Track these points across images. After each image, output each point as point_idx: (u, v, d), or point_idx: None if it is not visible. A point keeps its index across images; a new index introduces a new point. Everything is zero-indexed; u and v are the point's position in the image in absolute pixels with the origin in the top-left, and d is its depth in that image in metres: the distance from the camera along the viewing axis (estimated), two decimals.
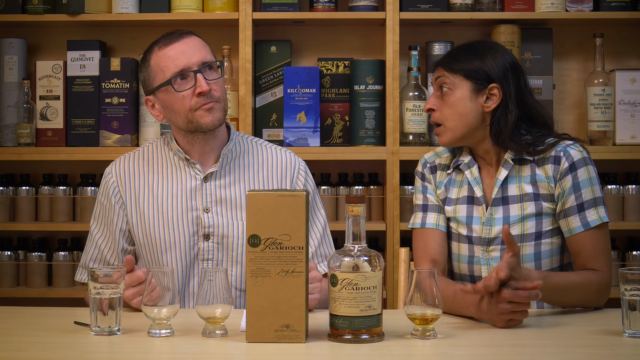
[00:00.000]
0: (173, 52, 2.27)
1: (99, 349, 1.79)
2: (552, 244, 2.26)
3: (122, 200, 2.35)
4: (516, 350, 1.83)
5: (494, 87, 2.27)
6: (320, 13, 3.33)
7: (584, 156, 2.25)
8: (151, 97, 2.34)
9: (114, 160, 2.41)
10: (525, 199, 2.26)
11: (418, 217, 2.37)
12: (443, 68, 2.31)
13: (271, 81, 3.37)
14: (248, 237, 1.81)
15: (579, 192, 2.22)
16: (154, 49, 2.31)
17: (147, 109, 2.37)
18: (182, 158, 2.35)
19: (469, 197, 2.32)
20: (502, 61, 2.30)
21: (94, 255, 2.37)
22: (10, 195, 3.41)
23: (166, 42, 2.29)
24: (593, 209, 2.22)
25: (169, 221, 2.32)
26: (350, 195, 1.84)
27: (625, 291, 1.86)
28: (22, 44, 3.43)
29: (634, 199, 3.35)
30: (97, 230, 2.38)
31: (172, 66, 2.26)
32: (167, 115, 2.33)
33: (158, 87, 2.29)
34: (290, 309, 1.80)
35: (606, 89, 3.30)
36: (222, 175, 2.35)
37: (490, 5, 3.33)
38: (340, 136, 3.35)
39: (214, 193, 2.33)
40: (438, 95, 2.31)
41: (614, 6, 3.31)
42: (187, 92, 2.26)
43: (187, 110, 2.27)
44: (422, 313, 1.85)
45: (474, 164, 2.33)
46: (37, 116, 3.37)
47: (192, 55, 2.27)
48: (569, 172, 2.23)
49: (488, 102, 2.28)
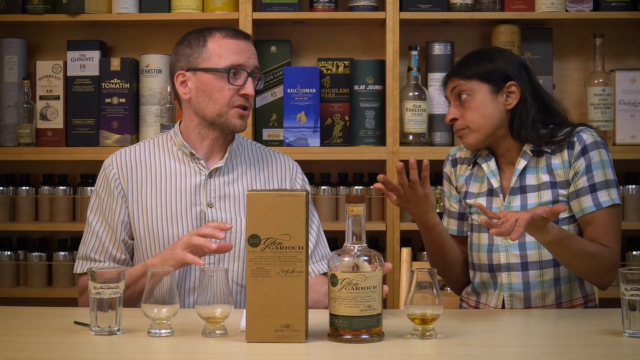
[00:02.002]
0: (237, 46, 2.31)
1: (99, 349, 1.79)
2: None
3: (124, 192, 2.34)
4: (516, 350, 1.83)
5: (512, 85, 2.32)
6: (320, 13, 3.33)
7: (596, 140, 2.29)
8: (188, 74, 2.32)
9: (114, 153, 2.39)
10: (542, 188, 2.30)
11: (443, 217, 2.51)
12: (457, 77, 2.34)
13: (271, 81, 3.37)
14: (248, 237, 1.81)
15: (591, 173, 2.26)
16: (214, 33, 2.32)
17: (175, 83, 2.34)
18: (186, 153, 2.35)
19: (488, 189, 2.37)
20: (512, 59, 2.36)
21: (95, 246, 2.33)
22: (10, 195, 3.41)
23: (231, 35, 2.32)
24: (605, 191, 2.25)
25: (172, 215, 2.32)
26: (350, 195, 1.84)
27: (625, 291, 1.85)
28: (22, 44, 3.43)
29: (634, 199, 3.35)
30: (96, 222, 2.34)
31: (234, 58, 2.29)
32: (198, 99, 2.32)
33: (208, 69, 2.29)
34: (290, 309, 1.80)
35: (606, 89, 3.30)
36: (226, 172, 2.36)
37: (490, 5, 3.33)
38: (340, 136, 3.35)
39: (218, 189, 2.34)
40: (457, 105, 2.34)
41: (614, 6, 3.31)
42: (235, 87, 2.29)
43: (225, 103, 2.30)
44: (422, 313, 1.85)
45: (491, 158, 2.38)
46: (37, 116, 3.37)
47: (250, 57, 2.32)
48: (581, 154, 2.27)
49: (509, 100, 2.32)
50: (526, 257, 2.29)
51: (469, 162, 2.42)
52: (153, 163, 2.36)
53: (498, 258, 2.32)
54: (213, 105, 2.30)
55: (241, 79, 2.30)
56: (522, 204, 2.31)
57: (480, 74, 2.32)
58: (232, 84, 2.29)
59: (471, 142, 2.34)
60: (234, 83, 2.29)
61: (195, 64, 2.31)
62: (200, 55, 2.31)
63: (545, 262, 2.28)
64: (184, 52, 2.34)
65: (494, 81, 2.31)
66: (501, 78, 2.32)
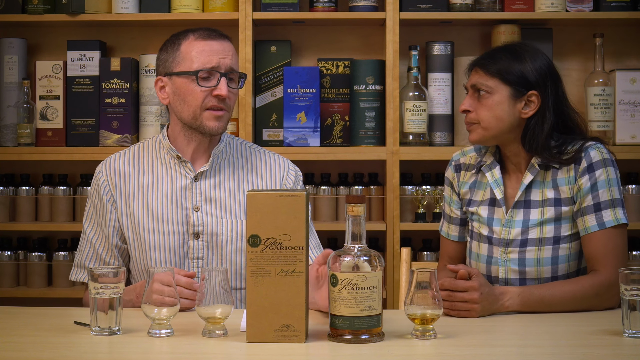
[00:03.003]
0: (208, 48, 2.30)
1: (99, 349, 1.79)
2: (570, 249, 2.27)
3: (113, 199, 2.36)
4: (516, 350, 1.83)
5: (533, 94, 2.26)
6: (320, 13, 3.33)
7: (604, 157, 2.24)
8: (165, 79, 2.34)
9: (104, 160, 2.43)
10: (546, 204, 2.27)
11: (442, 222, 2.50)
12: (482, 70, 2.28)
13: (271, 81, 3.37)
14: (248, 237, 1.81)
15: (597, 192, 2.22)
16: (189, 36, 2.32)
17: (155, 88, 2.37)
18: (173, 156, 2.36)
19: (491, 199, 2.34)
20: (542, 66, 2.28)
21: (89, 254, 2.38)
22: (10, 195, 3.41)
23: (204, 36, 2.31)
24: (610, 210, 2.22)
25: (158, 219, 2.33)
26: (350, 195, 1.84)
27: (625, 291, 1.85)
28: (22, 44, 3.43)
29: (634, 199, 3.35)
30: (90, 230, 2.39)
31: (204, 60, 2.28)
32: (175, 103, 2.33)
33: (180, 73, 2.30)
34: (290, 309, 1.80)
35: (606, 89, 3.30)
36: (211, 175, 2.36)
37: (490, 5, 3.33)
38: (340, 136, 3.35)
39: (204, 192, 2.34)
40: (474, 97, 2.29)
41: (614, 6, 3.31)
42: (206, 89, 2.28)
43: (197, 105, 2.29)
44: (422, 313, 1.85)
45: (496, 166, 2.34)
46: (37, 116, 3.37)
47: (224, 57, 2.30)
48: (586, 172, 2.23)
49: (526, 109, 2.27)
50: (525, 273, 2.27)
51: (473, 169, 2.39)
52: (141, 168, 2.38)
53: (496, 271, 2.31)
54: (187, 108, 2.31)
55: (214, 80, 2.29)
56: (524, 219, 2.28)
57: (504, 74, 2.25)
58: (202, 86, 2.28)
59: (475, 139, 2.30)
60: (205, 85, 2.28)
61: (170, 68, 2.32)
62: (174, 60, 2.32)
63: (544, 280, 2.26)
64: (162, 57, 2.36)
65: (516, 86, 2.25)
66: (524, 85, 2.25)
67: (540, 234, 2.26)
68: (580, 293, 2.16)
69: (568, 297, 2.15)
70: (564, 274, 2.26)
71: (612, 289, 2.15)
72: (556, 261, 2.25)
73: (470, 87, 2.30)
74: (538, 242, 2.26)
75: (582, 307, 2.16)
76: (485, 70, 2.27)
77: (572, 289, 2.16)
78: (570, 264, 2.27)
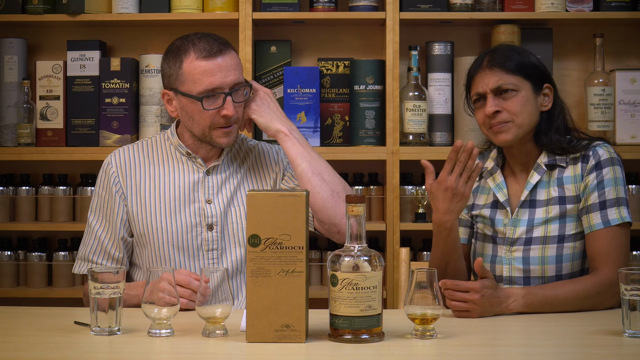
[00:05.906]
0: (209, 68, 2.26)
1: (99, 349, 1.79)
2: (574, 247, 2.27)
3: (122, 191, 2.37)
4: (516, 350, 1.83)
5: (547, 87, 2.30)
6: (320, 13, 3.33)
7: (611, 156, 2.26)
8: (171, 93, 2.34)
9: (113, 151, 2.43)
10: (551, 203, 2.28)
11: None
12: (501, 69, 2.27)
13: (271, 81, 3.37)
14: (248, 237, 1.81)
15: (603, 190, 2.23)
16: (190, 53, 2.28)
17: (162, 100, 2.37)
18: (182, 152, 2.39)
19: (494, 201, 2.36)
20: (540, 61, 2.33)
21: (94, 247, 2.38)
22: (10, 195, 3.41)
23: (205, 55, 2.27)
24: (615, 208, 2.23)
25: (172, 212, 2.34)
26: (350, 195, 1.84)
27: (625, 291, 1.86)
28: (22, 44, 3.43)
29: (634, 199, 3.34)
30: (96, 222, 2.39)
31: (207, 82, 2.26)
32: (184, 119, 2.34)
33: (185, 94, 2.29)
34: (290, 309, 1.80)
35: (606, 89, 3.30)
36: (223, 170, 2.39)
37: (490, 5, 3.33)
38: (340, 136, 3.35)
39: (216, 185, 2.37)
40: (498, 98, 2.26)
41: (614, 6, 3.31)
42: (213, 111, 2.28)
43: (206, 125, 2.30)
44: (422, 313, 1.85)
45: (497, 170, 2.36)
46: (37, 116, 3.37)
47: (227, 75, 2.27)
48: (594, 169, 2.25)
49: (545, 102, 2.31)
50: (529, 272, 2.28)
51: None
52: (151, 162, 2.39)
53: (501, 270, 2.31)
54: (197, 126, 2.32)
55: (219, 100, 2.27)
56: (529, 218, 2.29)
57: (524, 70, 2.26)
58: (210, 109, 2.27)
59: (509, 138, 2.26)
60: (211, 107, 2.27)
61: (175, 85, 2.32)
62: (177, 78, 2.30)
63: (548, 278, 2.26)
64: (165, 70, 2.35)
65: (535, 80, 2.28)
66: (540, 78, 2.29)
67: (544, 232, 2.27)
68: (582, 292, 2.16)
69: (570, 296, 2.15)
70: (568, 272, 2.27)
71: (614, 287, 2.15)
72: (560, 259, 2.26)
73: (491, 90, 2.27)
74: (542, 240, 2.27)
75: (585, 307, 2.16)
76: (506, 69, 2.27)
77: (574, 289, 2.16)
78: (574, 263, 2.27)
